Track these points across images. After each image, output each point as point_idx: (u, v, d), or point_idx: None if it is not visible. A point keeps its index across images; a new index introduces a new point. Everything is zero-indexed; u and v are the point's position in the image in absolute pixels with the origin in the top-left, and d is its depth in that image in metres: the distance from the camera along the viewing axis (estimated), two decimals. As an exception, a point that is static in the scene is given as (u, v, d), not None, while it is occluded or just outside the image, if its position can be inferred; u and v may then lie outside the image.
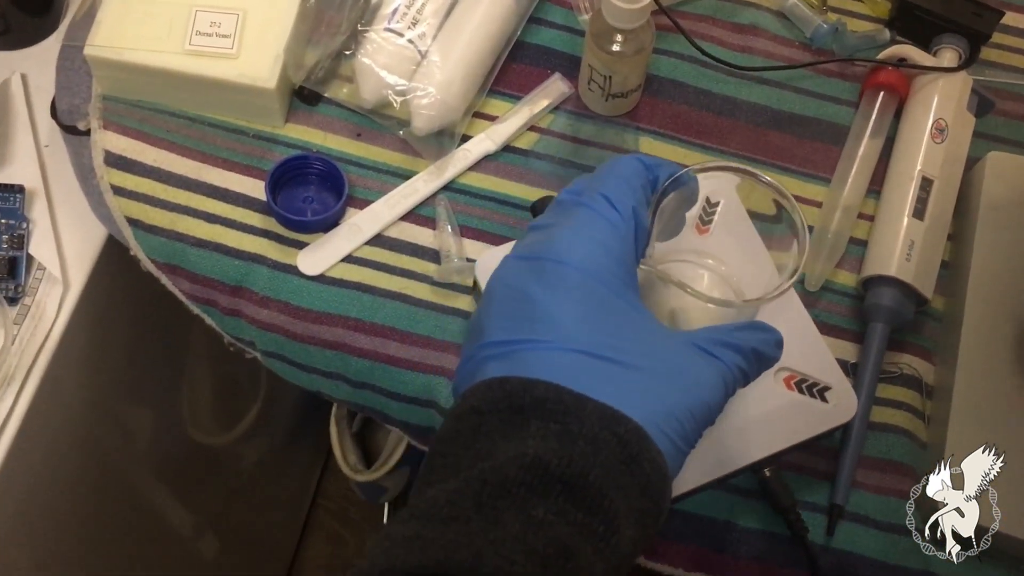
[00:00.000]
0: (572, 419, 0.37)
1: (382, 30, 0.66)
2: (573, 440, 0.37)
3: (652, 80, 0.70)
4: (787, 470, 0.59)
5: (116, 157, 0.64)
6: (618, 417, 0.37)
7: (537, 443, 0.37)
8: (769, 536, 0.58)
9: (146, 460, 0.92)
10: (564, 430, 0.37)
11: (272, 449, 1.27)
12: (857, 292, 0.65)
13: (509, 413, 0.38)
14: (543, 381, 0.38)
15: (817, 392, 0.57)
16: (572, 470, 0.36)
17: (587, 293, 0.40)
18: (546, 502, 0.36)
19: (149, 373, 0.84)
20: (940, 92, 0.67)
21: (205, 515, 1.10)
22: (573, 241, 0.42)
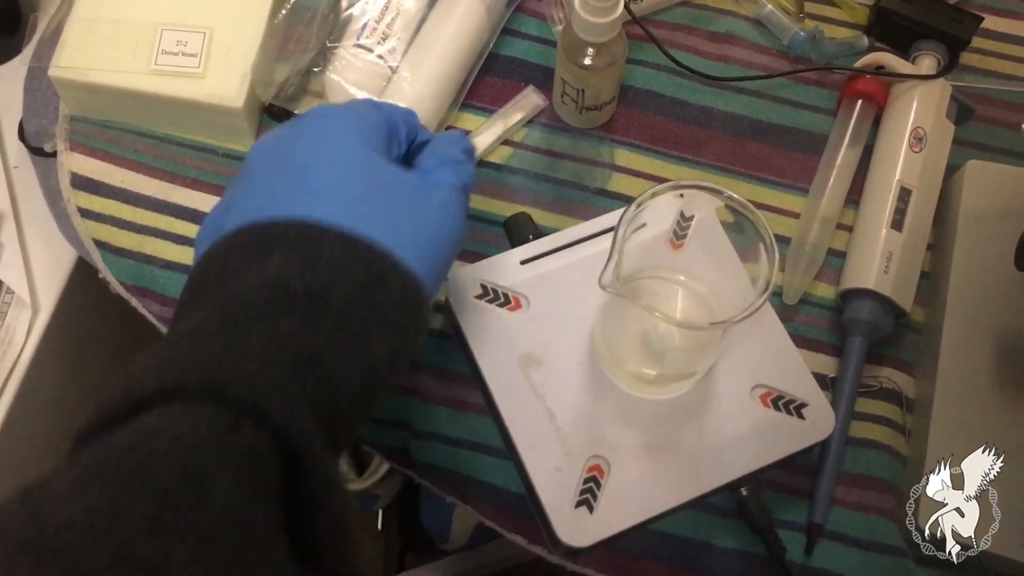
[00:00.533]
0: (313, 246, 0.40)
1: (351, 46, 0.65)
2: (314, 264, 0.40)
3: (627, 91, 0.69)
4: (765, 488, 0.58)
5: (83, 179, 0.64)
6: (361, 243, 0.41)
7: (279, 268, 0.39)
8: (747, 556, 0.57)
9: None
10: (304, 255, 0.40)
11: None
12: (836, 305, 0.64)
13: (253, 248, 0.40)
14: (286, 218, 0.41)
15: (794, 409, 0.57)
16: (314, 288, 0.39)
17: (341, 145, 0.44)
18: (291, 317, 0.38)
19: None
20: (919, 100, 0.66)
21: None
22: (330, 110, 0.46)
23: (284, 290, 0.39)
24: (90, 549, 0.30)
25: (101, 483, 0.32)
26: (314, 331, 0.39)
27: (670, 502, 0.54)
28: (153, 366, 0.37)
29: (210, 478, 0.33)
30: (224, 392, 0.35)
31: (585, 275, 0.59)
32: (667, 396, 0.57)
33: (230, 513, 0.33)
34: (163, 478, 0.32)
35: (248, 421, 0.35)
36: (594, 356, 0.57)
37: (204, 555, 0.31)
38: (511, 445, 0.56)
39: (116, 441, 0.34)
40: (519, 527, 0.59)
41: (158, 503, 0.31)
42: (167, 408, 0.35)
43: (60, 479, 0.32)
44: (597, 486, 0.54)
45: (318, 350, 0.38)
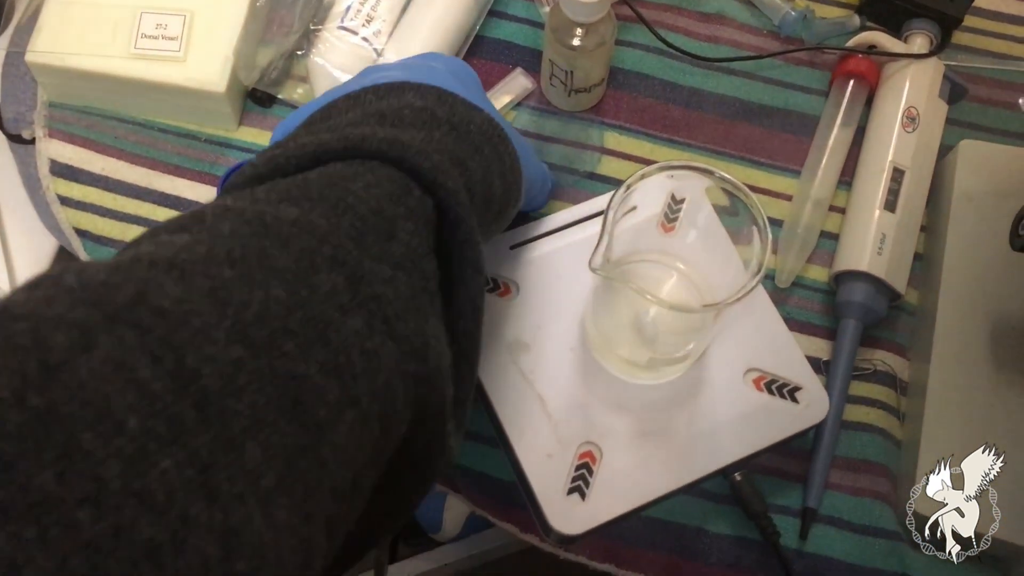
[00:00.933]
0: (445, 96, 0.44)
1: (335, 28, 0.64)
2: (451, 104, 0.44)
3: (616, 73, 0.68)
4: (759, 473, 0.57)
5: (62, 166, 0.62)
6: (483, 110, 0.46)
7: (418, 100, 0.43)
8: (741, 542, 0.56)
9: None
10: (440, 96, 0.44)
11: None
12: (829, 287, 0.63)
13: (386, 90, 0.44)
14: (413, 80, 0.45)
15: (787, 393, 0.56)
16: (454, 120, 0.43)
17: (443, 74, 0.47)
18: (439, 132, 0.42)
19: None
20: (911, 79, 0.65)
21: None
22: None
23: (430, 112, 0.42)
24: (316, 248, 0.32)
25: (310, 202, 0.34)
26: (459, 146, 0.42)
27: (663, 488, 0.54)
28: (329, 133, 0.39)
29: (397, 222, 0.36)
30: (403, 160, 0.38)
31: (575, 259, 0.58)
32: (659, 381, 0.56)
33: (412, 254, 0.36)
34: (361, 211, 0.35)
35: (419, 187, 0.38)
36: (585, 341, 0.57)
37: (395, 281, 0.35)
38: (501, 433, 0.55)
39: (312, 177, 0.36)
40: (510, 515, 0.58)
41: (361, 226, 0.35)
42: (351, 162, 0.38)
43: (265, 193, 0.35)
44: (589, 473, 0.53)
45: (464, 158, 0.42)
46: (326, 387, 0.30)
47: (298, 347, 0.29)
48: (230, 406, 0.26)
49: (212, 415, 0.25)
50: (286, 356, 0.29)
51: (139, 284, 0.27)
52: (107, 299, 0.26)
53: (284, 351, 0.29)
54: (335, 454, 0.30)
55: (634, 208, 0.56)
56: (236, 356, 0.27)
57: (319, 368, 0.30)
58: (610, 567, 0.57)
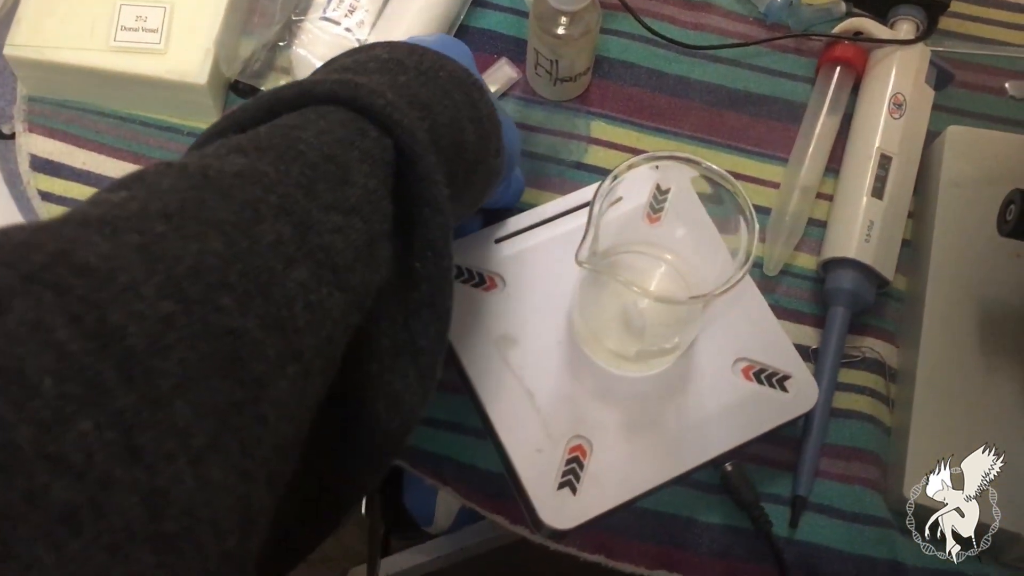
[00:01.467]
0: (417, 48, 0.44)
1: (318, 19, 0.63)
2: (421, 53, 0.44)
3: (602, 62, 0.68)
4: (749, 462, 0.57)
5: (43, 161, 0.62)
6: (459, 64, 0.45)
7: (387, 51, 0.43)
8: (732, 531, 0.56)
9: None
10: (411, 48, 0.44)
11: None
12: (817, 275, 0.63)
13: (359, 50, 0.44)
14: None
15: (776, 382, 0.56)
16: (423, 66, 0.43)
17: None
18: (405, 76, 0.42)
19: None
20: (898, 65, 0.65)
21: None
22: None
23: (396, 61, 0.42)
24: (261, 197, 0.32)
25: (258, 152, 0.34)
26: (424, 89, 0.41)
27: (654, 480, 0.54)
28: (283, 87, 0.39)
29: (351, 165, 0.36)
30: (355, 99, 0.37)
31: (561, 252, 0.58)
32: (648, 373, 0.56)
33: (371, 196, 0.36)
34: (312, 158, 0.35)
35: (375, 127, 0.38)
36: (573, 334, 0.56)
37: (347, 229, 0.34)
38: (490, 427, 0.54)
39: (263, 130, 0.36)
40: (500, 508, 0.58)
41: (311, 173, 0.34)
42: (303, 111, 0.37)
43: (215, 148, 0.34)
44: (580, 467, 0.53)
45: (430, 102, 0.41)
46: (265, 341, 0.29)
47: (236, 301, 0.29)
48: (156, 365, 0.25)
49: (137, 374, 0.25)
50: (222, 311, 0.28)
51: (62, 242, 0.26)
52: (25, 259, 0.25)
53: (220, 305, 0.28)
54: (276, 409, 0.29)
55: (620, 199, 0.56)
56: (166, 312, 0.26)
57: (258, 322, 0.29)
58: (601, 558, 0.57)
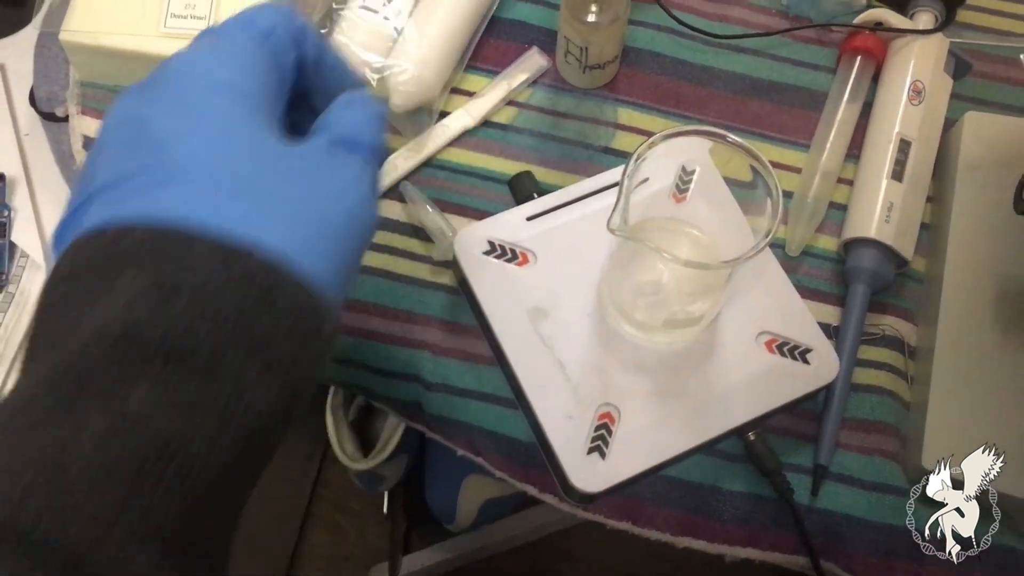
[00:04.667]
0: (175, 264, 0.31)
1: (357, 8, 0.66)
2: (177, 292, 0.30)
3: (629, 52, 0.70)
4: (771, 433, 0.59)
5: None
6: (239, 251, 0.31)
7: (130, 304, 0.30)
8: (755, 499, 0.58)
9: None
10: (163, 281, 0.30)
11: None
12: (838, 256, 0.65)
13: (101, 269, 0.31)
14: (142, 224, 0.31)
15: (799, 355, 0.58)
16: (175, 333, 0.30)
17: (211, 112, 0.34)
18: (143, 384, 0.29)
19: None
20: (917, 55, 0.67)
21: None
22: (195, 58, 0.36)
23: (135, 342, 0.29)
24: None
25: None
26: (172, 402, 0.29)
27: (680, 447, 0.55)
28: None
29: None
30: (29, 534, 0.27)
31: (590, 229, 0.60)
32: (674, 343, 0.58)
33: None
34: None
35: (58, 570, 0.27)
36: (601, 307, 0.58)
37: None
38: (522, 395, 0.57)
39: None
40: (530, 477, 0.60)
41: None
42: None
43: None
44: (608, 433, 0.55)
45: (176, 434, 0.29)
46: None
47: None
48: None
49: None
50: None
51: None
52: None
53: None
54: None
55: (646, 180, 0.58)
56: None
57: None
58: (627, 525, 0.59)
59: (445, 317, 0.62)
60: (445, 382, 0.60)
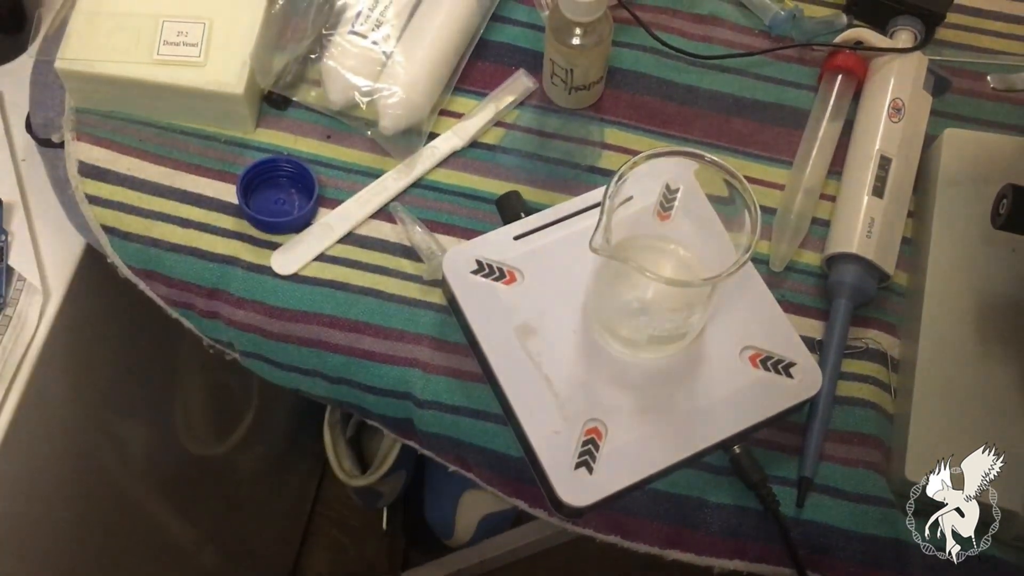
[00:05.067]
0: None
1: (346, 33, 0.67)
2: None
3: (615, 73, 0.71)
4: (757, 447, 0.60)
5: (90, 167, 0.66)
6: None
7: None
8: (741, 511, 0.59)
9: (141, 472, 0.92)
10: None
11: (269, 459, 1.28)
12: (821, 271, 0.66)
13: None
14: None
15: (782, 368, 0.59)
16: None
17: None
18: None
19: (138, 382, 0.85)
20: (896, 73, 0.68)
21: (205, 528, 1.10)
22: None
23: None
24: None
25: None
26: None
27: (666, 460, 0.56)
28: None
29: None
30: None
31: (576, 248, 0.61)
32: (659, 358, 0.59)
33: None
34: None
35: None
36: (588, 324, 0.59)
37: None
38: (510, 412, 0.58)
39: None
40: (520, 491, 0.61)
41: None
42: None
43: None
44: (595, 448, 0.56)
45: None
46: None
47: None
48: None
49: None
50: None
51: None
52: None
53: None
54: None
55: (630, 198, 0.59)
56: None
57: None
58: (616, 538, 0.60)
59: (435, 335, 0.63)
60: (436, 399, 0.61)
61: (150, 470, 0.94)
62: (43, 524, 0.73)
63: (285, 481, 1.37)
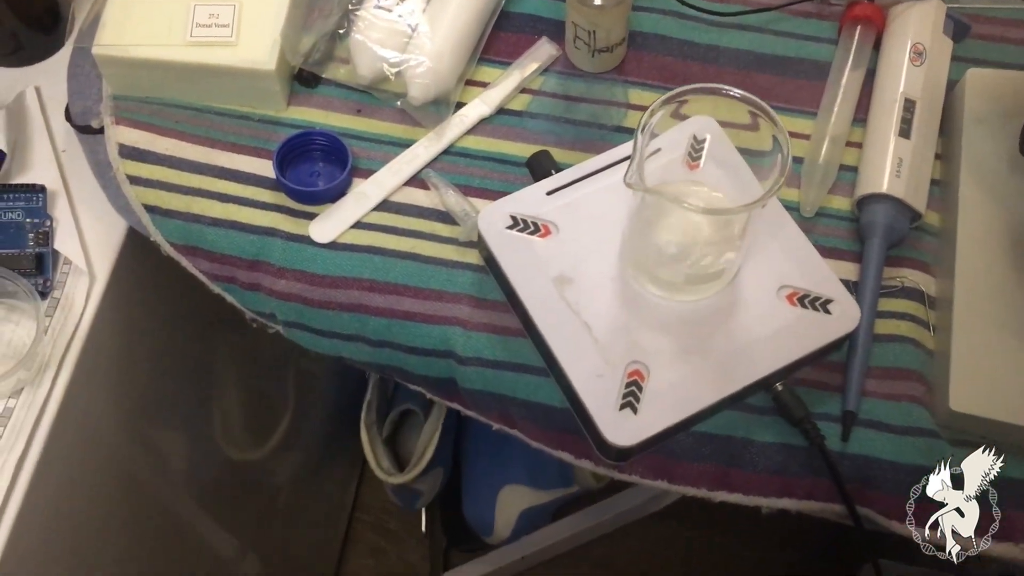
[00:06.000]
0: None
1: (372, 8, 0.69)
2: None
3: (636, 36, 0.72)
4: (798, 386, 0.60)
5: (130, 149, 0.67)
6: None
7: None
8: (786, 448, 0.59)
9: (181, 480, 0.93)
10: None
11: (306, 463, 1.28)
12: (852, 215, 0.66)
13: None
14: None
15: (820, 305, 0.59)
16: None
17: None
18: None
19: (176, 385, 0.86)
20: (915, 19, 0.69)
21: (246, 536, 1.11)
22: None
23: None
24: None
25: None
26: None
27: (710, 398, 0.57)
28: None
29: None
30: None
31: (609, 199, 0.62)
32: (698, 300, 0.59)
33: None
34: None
35: None
36: (624, 270, 0.60)
37: None
38: (552, 361, 0.58)
39: None
40: (565, 443, 0.61)
41: None
42: None
43: None
44: (639, 389, 0.57)
45: None
46: None
47: None
48: None
49: None
50: None
51: None
52: None
53: None
54: None
55: (658, 150, 0.60)
56: None
57: None
58: (663, 483, 0.60)
59: (474, 294, 0.64)
60: (478, 355, 0.62)
61: (190, 478, 0.94)
62: (86, 517, 0.73)
63: (323, 487, 1.37)
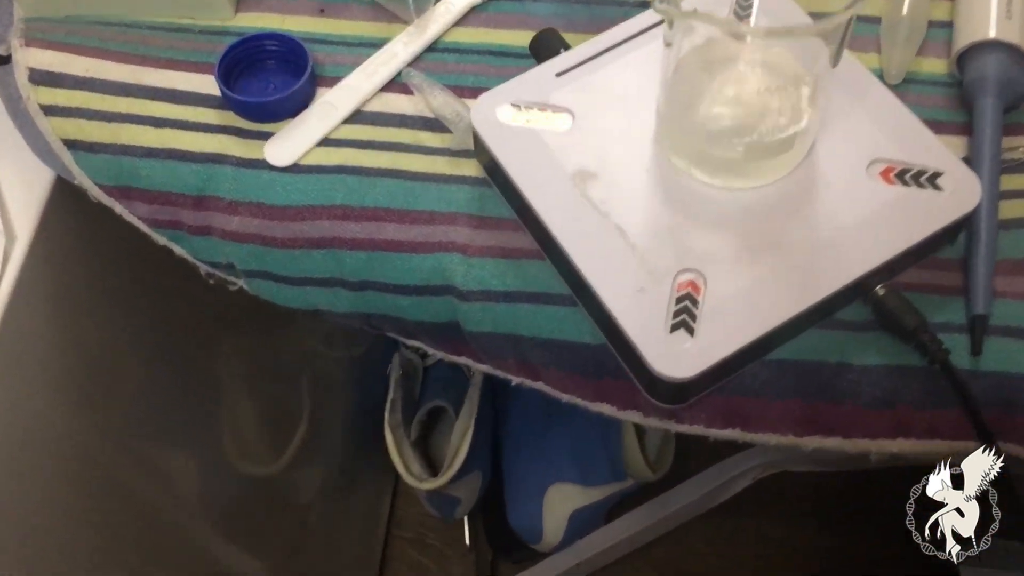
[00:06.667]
0: None
1: None
2: None
3: None
4: (905, 292, 0.46)
5: (42, 73, 0.55)
6: None
7: None
8: (898, 371, 0.45)
9: (194, 507, 0.83)
10: None
11: (332, 476, 1.18)
12: (952, 78, 0.52)
13: None
14: None
15: (926, 180, 0.45)
16: None
17: None
18: None
19: (151, 366, 0.74)
20: None
21: (274, 560, 1.00)
22: None
23: None
24: None
25: None
26: None
27: (788, 311, 0.43)
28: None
29: None
30: None
31: (634, 76, 0.49)
32: (763, 185, 0.45)
33: None
34: None
35: None
36: (661, 158, 0.47)
37: None
38: (579, 281, 0.45)
39: None
40: (603, 392, 0.47)
41: None
42: None
43: None
44: (694, 304, 0.43)
45: None
46: None
47: None
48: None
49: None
50: None
51: None
52: None
53: None
54: None
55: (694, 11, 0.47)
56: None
57: None
58: (736, 432, 0.46)
59: (473, 212, 0.50)
60: (483, 287, 0.48)
61: (205, 503, 0.84)
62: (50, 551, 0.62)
63: (353, 502, 1.26)
